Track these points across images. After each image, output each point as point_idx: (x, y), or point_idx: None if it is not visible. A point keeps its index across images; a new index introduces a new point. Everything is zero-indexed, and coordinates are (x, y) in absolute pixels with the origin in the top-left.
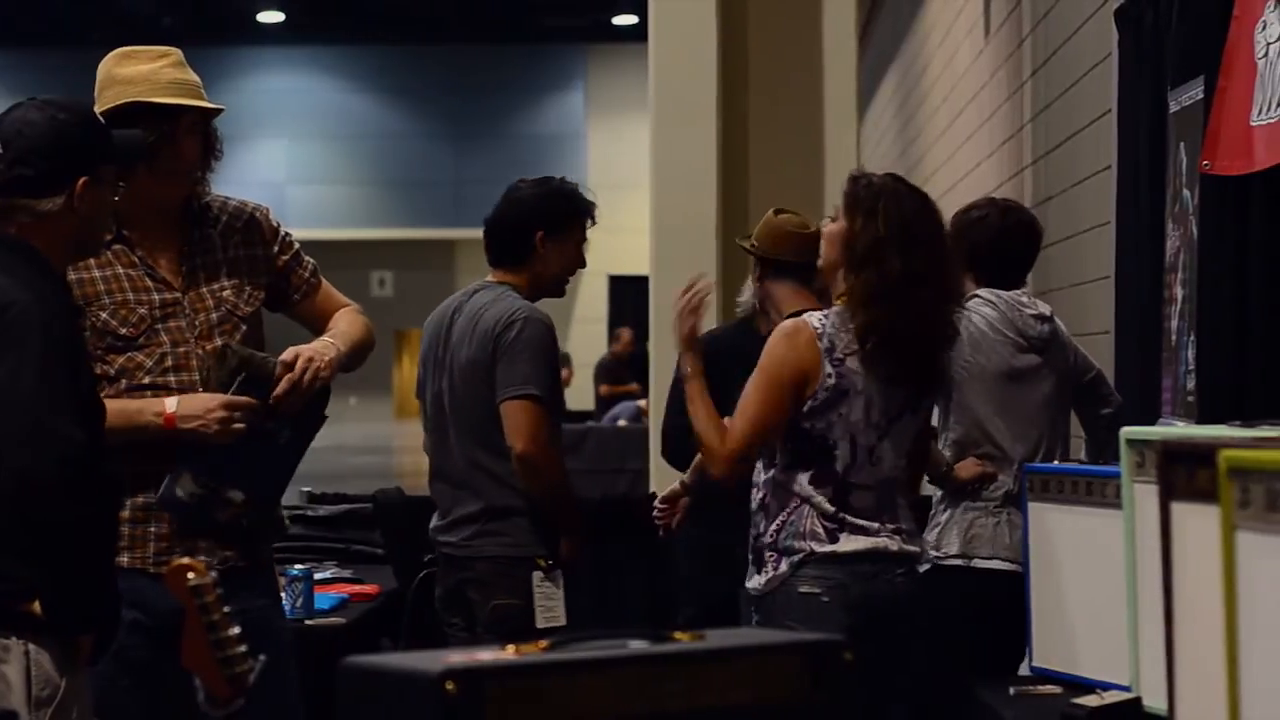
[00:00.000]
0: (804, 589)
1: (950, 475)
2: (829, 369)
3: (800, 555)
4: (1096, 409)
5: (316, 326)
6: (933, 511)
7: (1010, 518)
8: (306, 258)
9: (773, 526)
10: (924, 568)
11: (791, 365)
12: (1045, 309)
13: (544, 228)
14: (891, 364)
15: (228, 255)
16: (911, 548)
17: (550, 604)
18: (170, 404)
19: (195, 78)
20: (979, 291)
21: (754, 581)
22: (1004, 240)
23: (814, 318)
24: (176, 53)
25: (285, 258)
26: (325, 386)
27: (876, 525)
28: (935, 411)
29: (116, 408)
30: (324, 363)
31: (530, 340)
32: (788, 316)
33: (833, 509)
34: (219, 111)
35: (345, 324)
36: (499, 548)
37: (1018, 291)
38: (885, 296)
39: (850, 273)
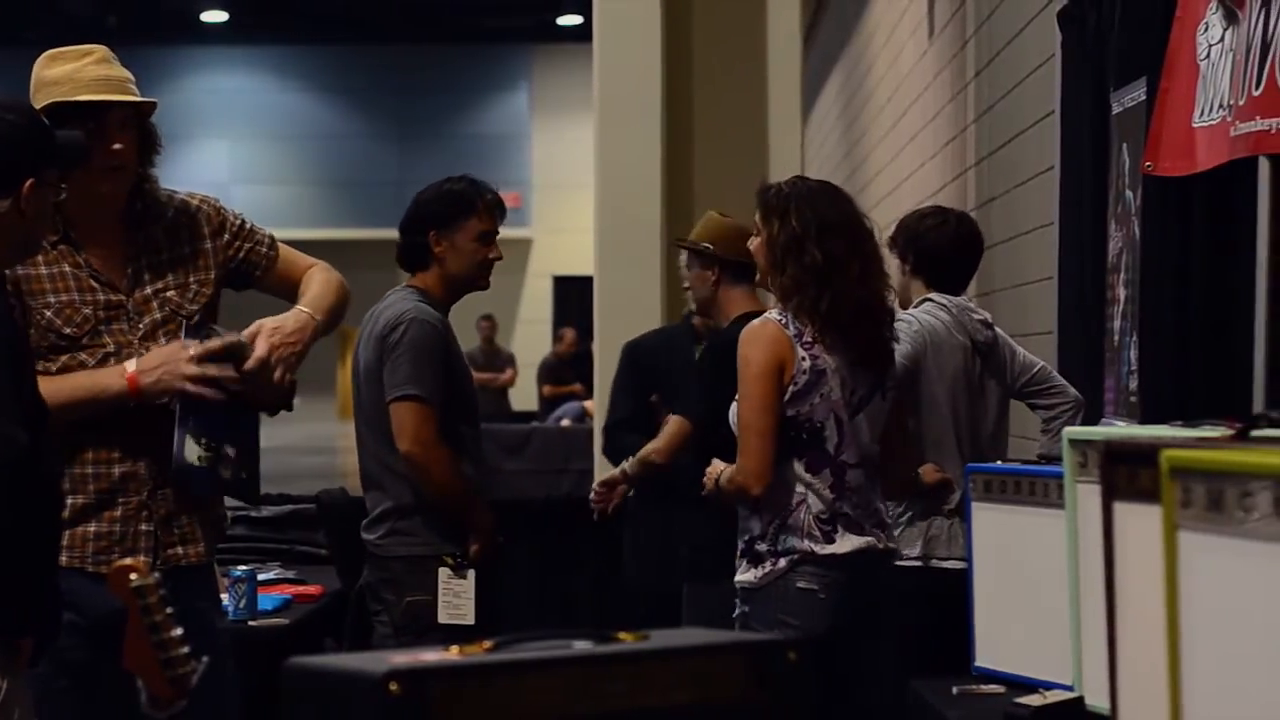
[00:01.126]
0: (802, 584)
1: (915, 480)
2: (802, 353)
3: (799, 555)
4: (1053, 404)
5: (286, 294)
6: (894, 517)
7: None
8: (261, 232)
9: (770, 526)
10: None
11: (768, 359)
12: (988, 315)
13: (435, 227)
14: (846, 347)
15: (173, 253)
16: (893, 545)
17: (458, 601)
18: (129, 365)
19: (123, 73)
20: (931, 296)
21: (747, 575)
22: (958, 248)
23: (773, 314)
24: (102, 50)
25: (237, 242)
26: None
27: (865, 517)
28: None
29: (74, 382)
30: (292, 340)
31: (413, 342)
32: (735, 320)
33: (831, 498)
34: (152, 105)
35: (317, 286)
36: (408, 547)
37: (963, 298)
38: (812, 285)
39: (776, 272)
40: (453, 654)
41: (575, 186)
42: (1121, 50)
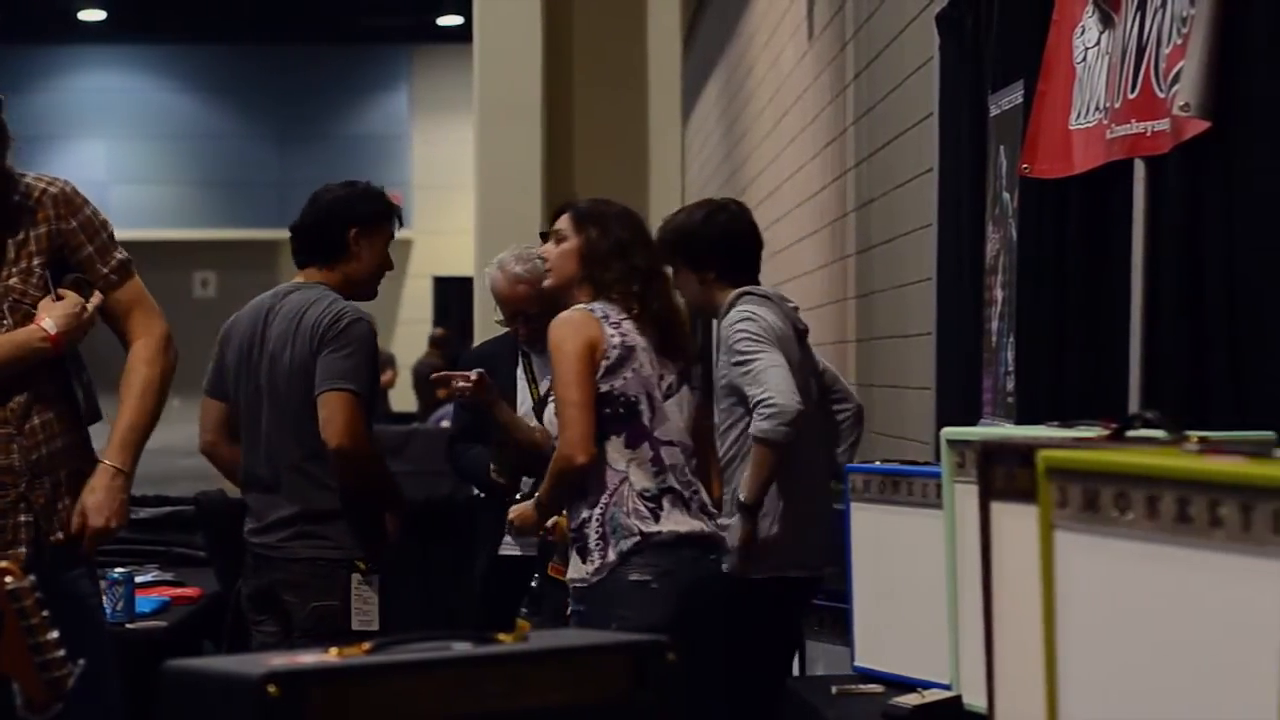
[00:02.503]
0: (634, 576)
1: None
2: (610, 331)
3: (631, 541)
4: (840, 409)
5: (112, 326)
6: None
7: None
8: (116, 254)
9: (595, 512)
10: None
11: (580, 339)
12: (796, 303)
13: (358, 225)
14: (653, 333)
15: (16, 239)
16: (720, 533)
17: (366, 608)
18: (48, 326)
19: None
20: (749, 289)
21: (578, 572)
22: (747, 237)
23: (580, 306)
24: None
25: (87, 242)
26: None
27: (689, 495)
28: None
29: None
30: (110, 515)
31: (355, 337)
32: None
33: (653, 471)
34: None
35: (129, 413)
36: (316, 550)
37: (769, 287)
38: (636, 281)
39: (599, 271)
40: (331, 656)
41: (455, 187)
42: (999, 53)
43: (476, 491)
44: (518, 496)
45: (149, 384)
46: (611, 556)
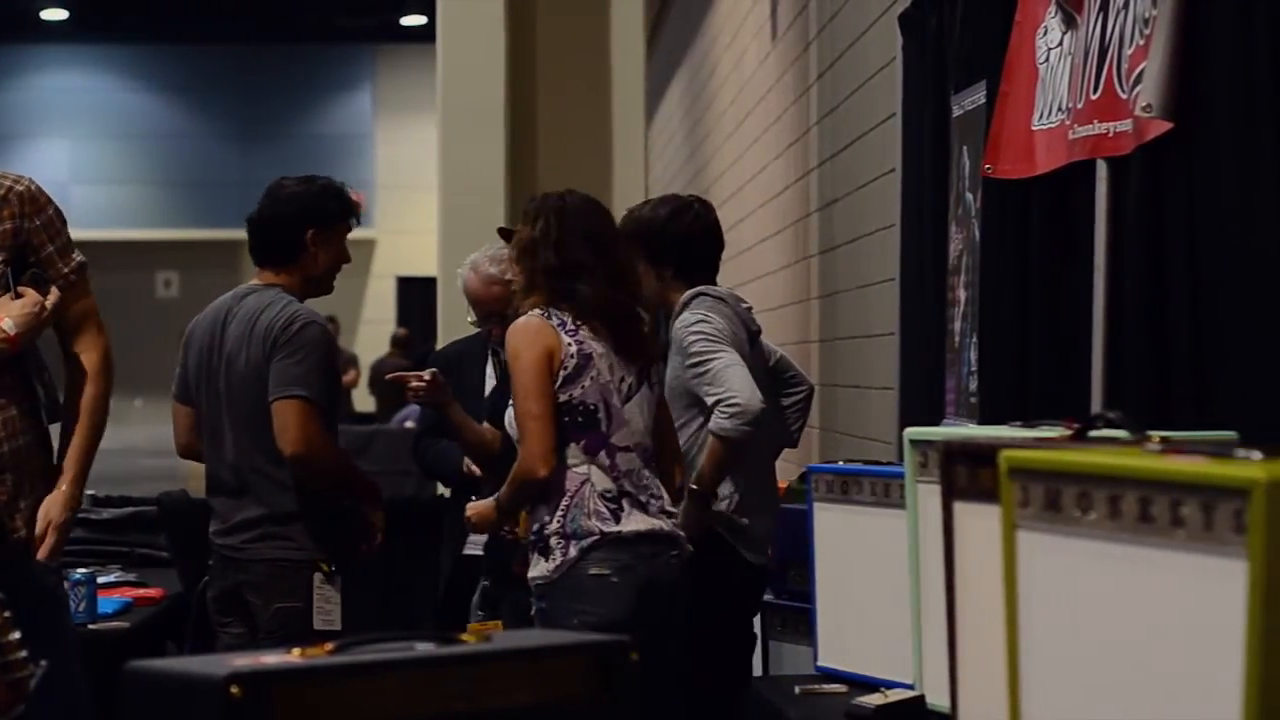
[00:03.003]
0: (594, 570)
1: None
2: (567, 339)
3: (590, 540)
4: (793, 391)
5: (57, 330)
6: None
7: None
8: (75, 256)
9: (557, 513)
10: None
11: (537, 348)
12: (750, 302)
13: (315, 225)
14: (608, 335)
15: None
16: (679, 532)
17: (328, 608)
18: (7, 326)
19: None
20: (704, 290)
21: (539, 569)
22: (709, 237)
23: (535, 311)
24: None
25: (49, 241)
26: None
27: (646, 499)
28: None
29: None
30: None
31: (307, 341)
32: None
33: (611, 480)
34: None
35: (79, 438)
36: (279, 550)
37: (724, 287)
38: (555, 280)
39: (522, 267)
40: (294, 656)
41: (419, 187)
42: (962, 53)
43: (441, 491)
44: (472, 498)
45: (95, 404)
46: (572, 553)
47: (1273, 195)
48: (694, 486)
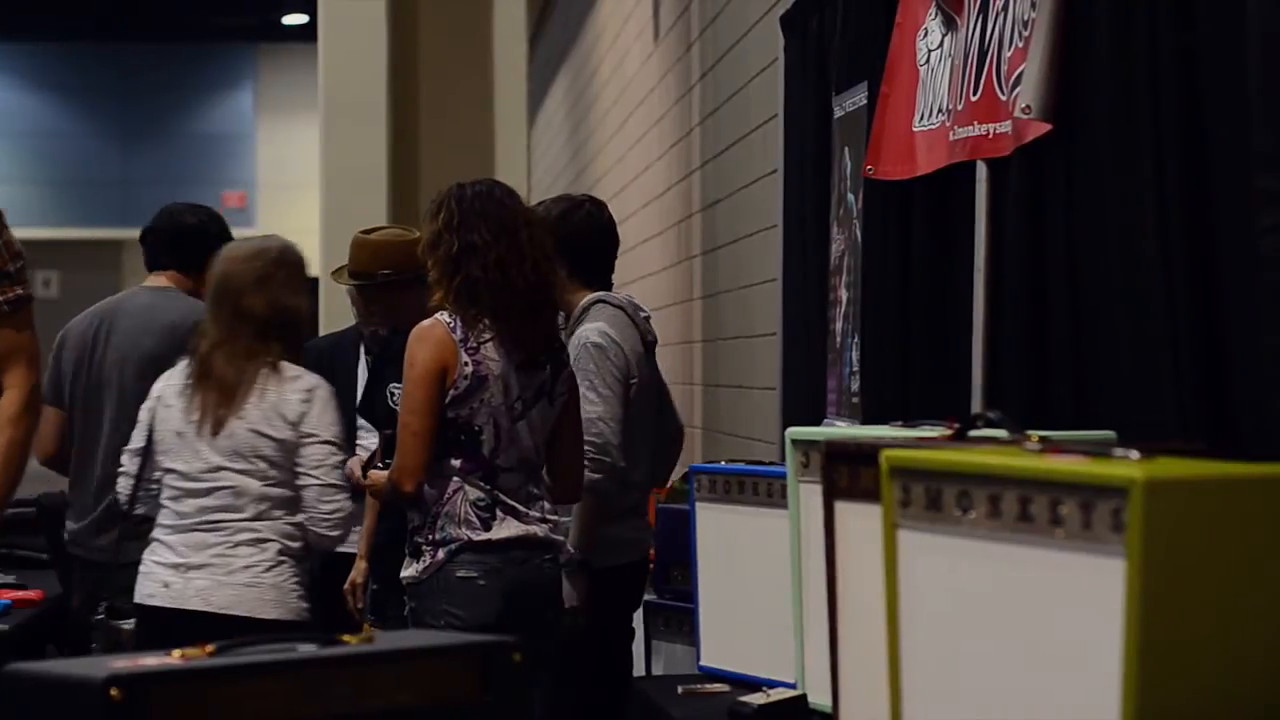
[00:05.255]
0: (461, 573)
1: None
2: (465, 358)
3: (457, 544)
4: (665, 423)
5: None
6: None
7: (636, 523)
8: (13, 290)
9: (428, 517)
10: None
11: (433, 361)
12: (649, 311)
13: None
14: (512, 347)
15: None
16: (557, 537)
17: None
18: None
19: None
20: (604, 297)
21: (410, 570)
22: (603, 237)
23: (444, 315)
24: None
25: None
26: None
27: (525, 510)
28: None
29: None
30: None
31: None
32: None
33: (485, 492)
34: None
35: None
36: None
37: (624, 293)
38: (451, 271)
39: (431, 264)
40: (175, 658)
41: (301, 186)
42: (843, 55)
43: None
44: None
45: (12, 450)
46: (440, 555)
47: (1150, 197)
48: (574, 552)
